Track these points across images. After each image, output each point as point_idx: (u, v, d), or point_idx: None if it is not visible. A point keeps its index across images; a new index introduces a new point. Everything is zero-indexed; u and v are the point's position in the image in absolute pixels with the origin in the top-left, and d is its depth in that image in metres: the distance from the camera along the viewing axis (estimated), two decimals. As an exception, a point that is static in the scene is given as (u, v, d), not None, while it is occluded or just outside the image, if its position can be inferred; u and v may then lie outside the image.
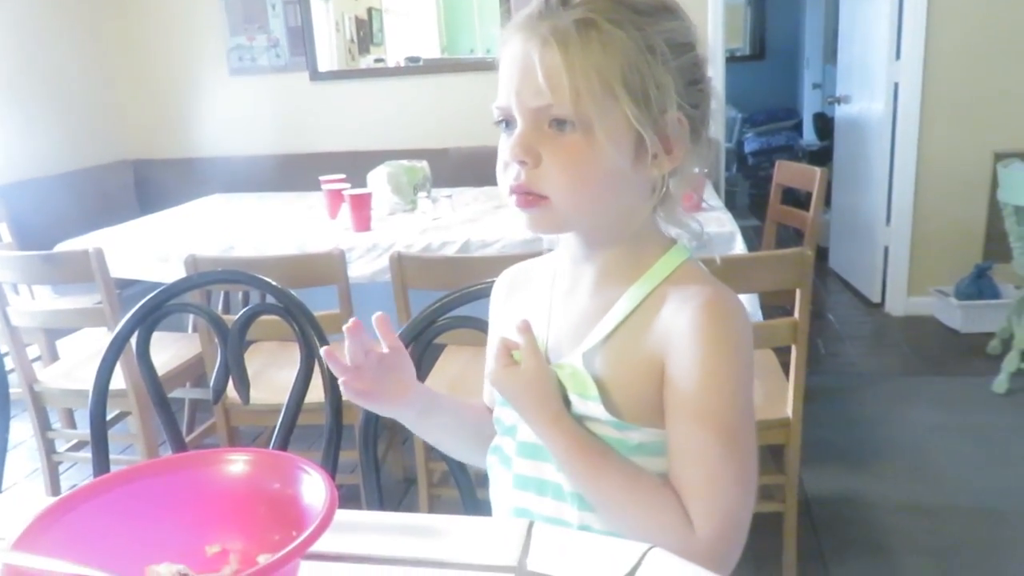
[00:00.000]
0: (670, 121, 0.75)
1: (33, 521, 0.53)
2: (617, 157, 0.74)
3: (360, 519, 0.62)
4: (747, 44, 7.41)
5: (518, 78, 0.74)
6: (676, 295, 0.77)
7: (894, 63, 3.64)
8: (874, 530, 2.14)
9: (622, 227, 0.80)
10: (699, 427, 0.73)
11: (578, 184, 0.74)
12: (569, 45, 0.71)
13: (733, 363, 0.74)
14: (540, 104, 0.73)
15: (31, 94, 3.56)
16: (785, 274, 1.74)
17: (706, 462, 0.72)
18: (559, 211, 0.76)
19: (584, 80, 0.71)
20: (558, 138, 0.73)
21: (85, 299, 2.73)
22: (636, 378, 0.77)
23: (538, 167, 0.74)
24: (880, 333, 3.66)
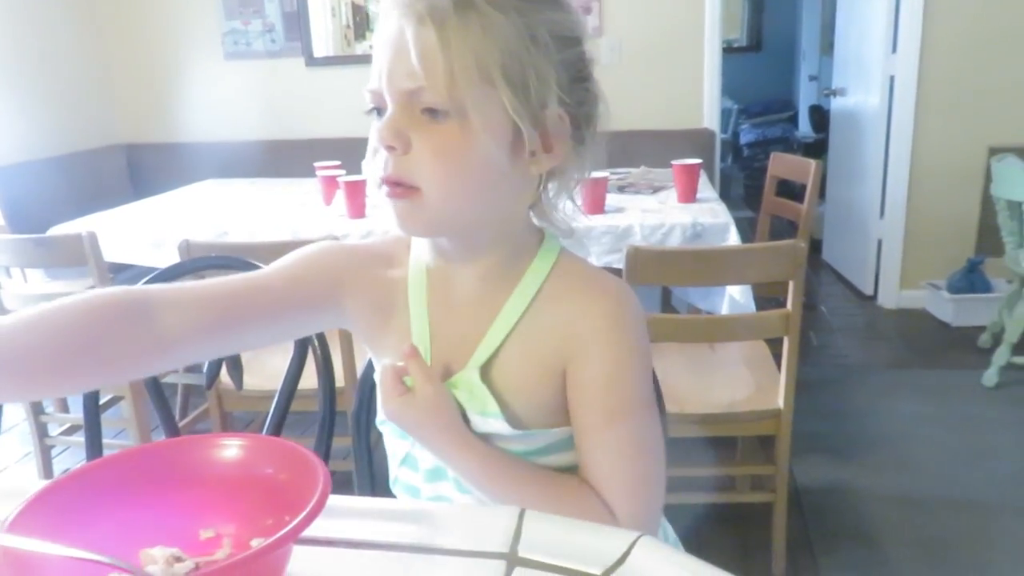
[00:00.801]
0: (551, 117, 0.71)
1: (27, 504, 0.53)
2: (493, 149, 0.69)
3: (352, 504, 0.63)
4: (744, 35, 7.40)
5: (390, 58, 0.68)
6: (566, 295, 0.75)
7: (890, 56, 3.64)
8: (863, 521, 2.16)
9: (499, 229, 0.75)
10: (608, 424, 0.73)
11: (451, 175, 0.69)
12: (446, 25, 0.66)
13: (634, 359, 0.75)
14: (412, 87, 0.67)
15: (24, 77, 3.54)
16: (778, 266, 1.75)
17: (618, 455, 0.73)
18: (431, 206, 0.70)
19: (460, 64, 0.66)
20: (430, 125, 0.68)
21: (78, 283, 2.72)
22: (536, 384, 0.76)
23: (408, 154, 0.69)
24: (872, 325, 3.68)
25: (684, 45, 3.63)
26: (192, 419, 2.48)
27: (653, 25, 3.60)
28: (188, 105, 4.06)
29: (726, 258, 1.83)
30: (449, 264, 0.78)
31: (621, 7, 3.59)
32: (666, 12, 3.60)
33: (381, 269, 0.83)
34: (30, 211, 3.22)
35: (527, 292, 0.76)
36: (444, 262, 0.79)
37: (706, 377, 2.05)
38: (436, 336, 0.79)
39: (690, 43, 3.64)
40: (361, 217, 2.48)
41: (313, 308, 0.80)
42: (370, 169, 0.73)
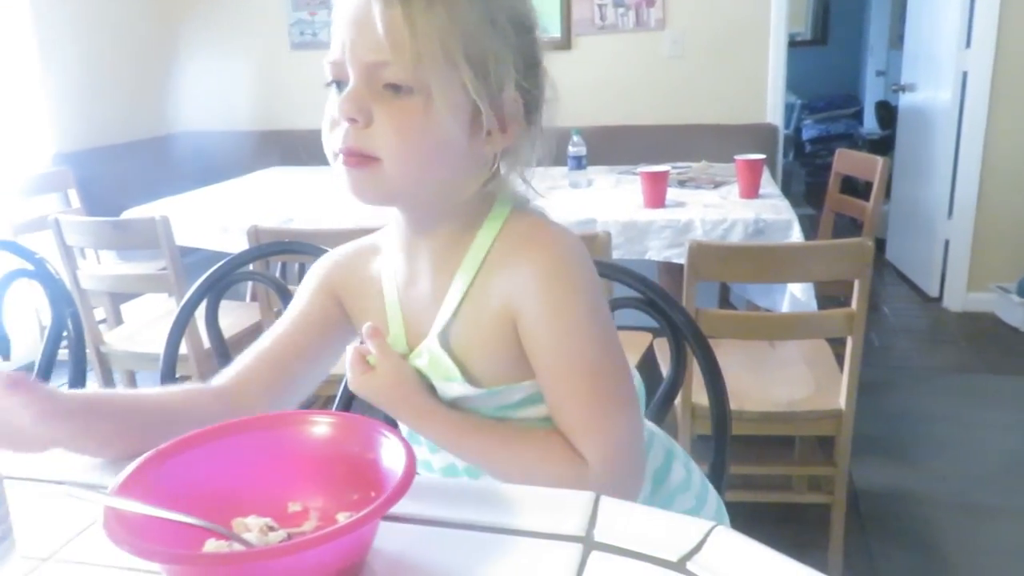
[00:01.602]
0: (507, 99, 0.74)
1: (133, 470, 0.56)
2: (453, 127, 0.72)
3: (430, 483, 0.65)
4: (809, 28, 7.24)
5: (355, 31, 0.70)
6: (511, 252, 0.76)
7: (963, 51, 3.54)
8: (924, 527, 2.12)
9: (450, 202, 0.78)
10: (564, 372, 0.74)
11: (411, 149, 0.71)
12: (412, 5, 0.67)
13: (579, 303, 0.75)
14: (377, 60, 0.69)
15: (99, 67, 3.67)
16: (843, 265, 1.72)
17: (580, 400, 0.74)
18: (389, 176, 0.72)
19: (426, 43, 0.68)
20: (393, 100, 0.70)
21: (147, 265, 2.82)
22: (492, 343, 0.77)
23: (369, 127, 0.71)
24: (937, 328, 3.59)
25: (748, 38, 3.58)
26: (255, 400, 2.54)
27: (717, 18, 3.55)
28: (255, 94, 4.15)
29: (790, 255, 1.81)
30: (411, 240, 0.81)
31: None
32: (730, 5, 3.56)
33: (365, 263, 0.88)
34: (103, 195, 3.33)
35: (477, 257, 0.78)
36: (408, 238, 0.82)
37: (765, 375, 2.03)
38: (405, 310, 0.83)
39: (754, 36, 3.59)
40: (422, 206, 2.51)
41: (334, 326, 0.88)
42: (328, 141, 0.75)
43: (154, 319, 2.58)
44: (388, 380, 0.78)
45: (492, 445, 0.77)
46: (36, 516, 0.63)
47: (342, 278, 0.88)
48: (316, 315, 0.87)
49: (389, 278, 0.84)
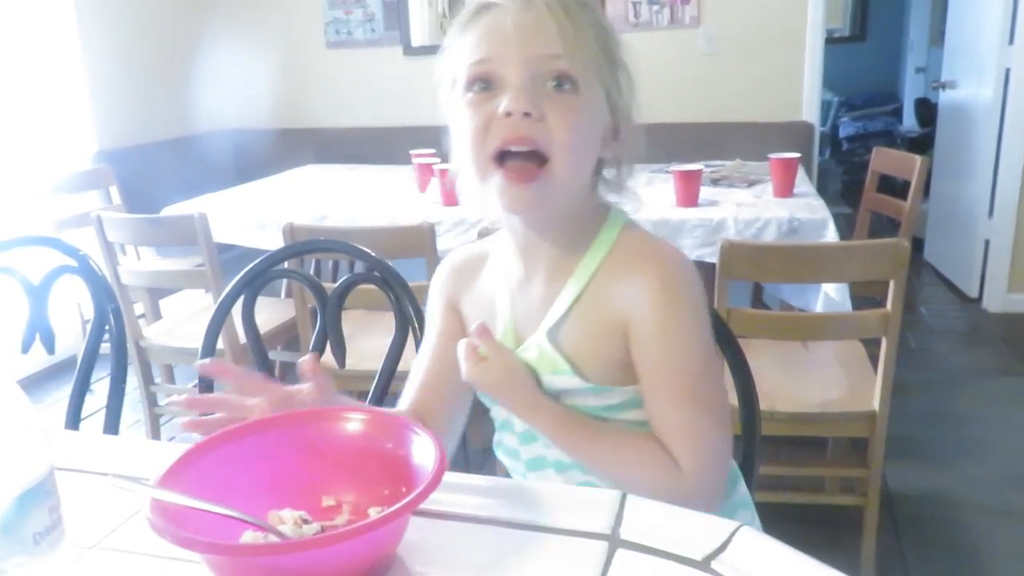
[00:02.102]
0: (620, 107, 0.82)
1: (174, 463, 0.58)
2: (600, 128, 0.79)
3: (459, 480, 0.66)
4: (847, 24, 7.14)
5: (524, 32, 0.75)
6: (626, 265, 0.81)
7: (1006, 48, 3.47)
8: (960, 531, 2.09)
9: (573, 204, 0.82)
10: (669, 383, 0.78)
11: (578, 142, 0.77)
12: (573, 16, 0.75)
13: (688, 320, 0.79)
14: (550, 52, 0.74)
15: (143, 66, 3.74)
16: (879, 265, 1.71)
17: (681, 412, 0.77)
18: (556, 178, 0.76)
19: (587, 46, 0.76)
20: (558, 96, 0.75)
21: (185, 261, 2.87)
22: (600, 346, 0.81)
23: (541, 121, 0.74)
24: (976, 329, 3.52)
25: (784, 35, 3.54)
26: (289, 395, 2.58)
27: (752, 14, 3.52)
28: (291, 92, 4.20)
29: (824, 255, 1.80)
30: (528, 247, 0.86)
31: (721, -6, 3.54)
32: (766, 1, 3.52)
33: (477, 267, 0.94)
34: (143, 192, 3.40)
35: (590, 265, 0.82)
36: (524, 245, 0.86)
37: (798, 376, 2.02)
38: (515, 310, 0.87)
39: (791, 33, 3.54)
40: (455, 204, 2.53)
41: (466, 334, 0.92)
42: (483, 145, 0.76)
43: (191, 314, 2.63)
44: (499, 372, 0.81)
45: (595, 442, 0.80)
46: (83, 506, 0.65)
47: (456, 286, 0.95)
48: (452, 329, 0.94)
49: (501, 280, 0.89)
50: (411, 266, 2.04)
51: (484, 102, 0.76)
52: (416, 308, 1.26)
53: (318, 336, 1.30)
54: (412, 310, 1.26)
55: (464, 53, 0.78)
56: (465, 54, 0.78)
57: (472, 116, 0.76)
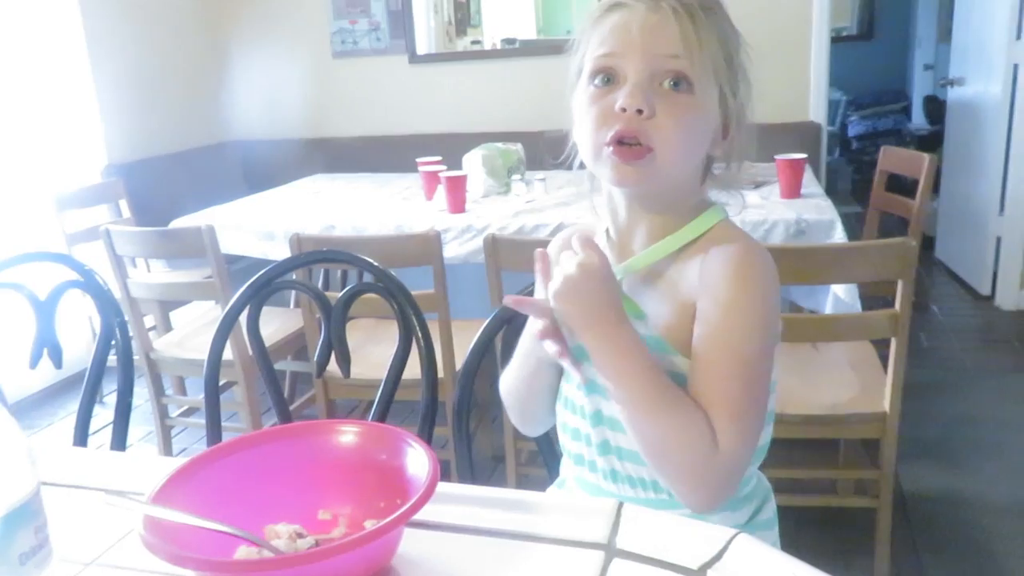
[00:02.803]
0: (735, 108, 0.85)
1: (168, 479, 0.58)
2: (711, 127, 0.83)
3: (456, 491, 0.66)
4: (855, 23, 7.10)
5: (647, 32, 0.80)
6: (711, 245, 0.84)
7: (1014, 43, 3.44)
8: (975, 531, 2.07)
9: (677, 193, 0.87)
10: (723, 359, 0.79)
11: (685, 139, 0.81)
12: (696, 18, 0.79)
13: (757, 303, 0.80)
14: (670, 52, 0.79)
15: (148, 80, 3.77)
16: (887, 265, 1.69)
17: (730, 389, 0.78)
18: (661, 164, 0.81)
19: (708, 49, 0.80)
20: (672, 95, 0.80)
21: (195, 273, 2.88)
22: (672, 316, 0.84)
23: (651, 119, 0.80)
24: (989, 328, 3.49)
25: (790, 35, 3.53)
26: (299, 405, 2.59)
27: (757, 15, 3.49)
28: (298, 103, 4.22)
29: (832, 256, 1.78)
30: (631, 219, 0.89)
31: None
32: (772, 1, 3.51)
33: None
34: (153, 204, 3.42)
35: (680, 240, 0.86)
36: (627, 218, 0.89)
37: (809, 377, 2.00)
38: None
39: (796, 32, 3.53)
40: (461, 212, 2.53)
41: None
42: (596, 134, 0.82)
43: (202, 326, 2.64)
44: (602, 272, 0.81)
45: (652, 385, 0.78)
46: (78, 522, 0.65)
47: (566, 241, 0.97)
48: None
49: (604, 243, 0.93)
50: (417, 274, 2.05)
51: (604, 95, 0.82)
52: (419, 317, 1.26)
53: (322, 347, 1.31)
54: (416, 319, 1.26)
55: (591, 47, 0.84)
56: (591, 48, 0.84)
57: (591, 106, 0.83)
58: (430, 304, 2.04)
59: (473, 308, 2.25)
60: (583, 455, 0.91)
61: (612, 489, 0.88)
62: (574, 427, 0.93)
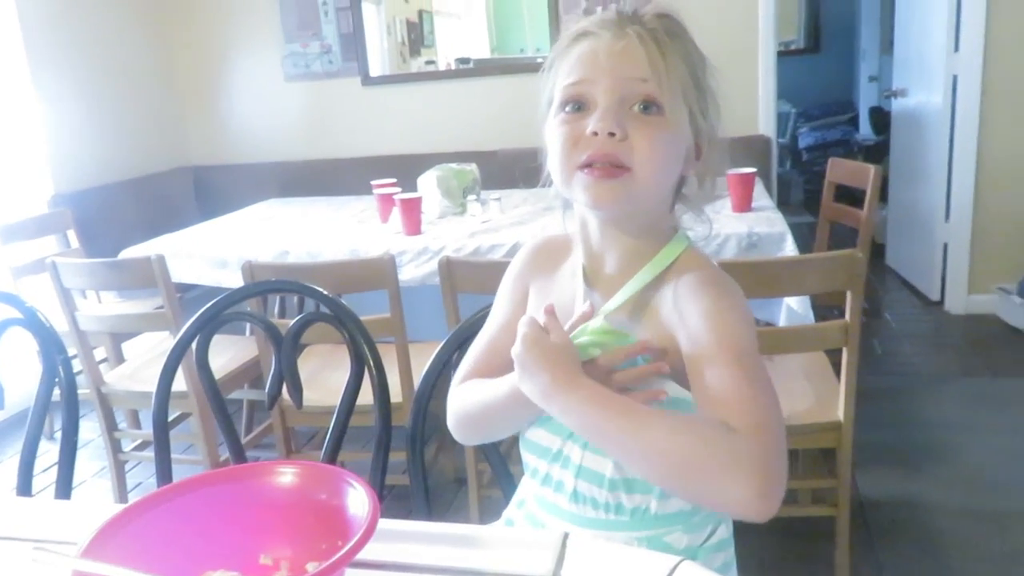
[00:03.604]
0: (705, 129, 0.86)
1: (99, 530, 0.56)
2: (683, 147, 0.85)
3: (401, 528, 0.65)
4: (801, 36, 7.26)
5: (615, 58, 0.82)
6: (683, 278, 0.85)
7: (952, 55, 3.55)
8: (932, 535, 2.10)
9: (650, 216, 0.88)
10: (719, 355, 0.78)
11: (661, 159, 0.83)
12: (663, 44, 0.82)
13: (736, 307, 0.82)
14: (638, 76, 0.81)
15: (100, 105, 3.71)
16: (836, 276, 1.72)
17: (731, 385, 0.76)
18: (638, 184, 0.82)
19: (675, 73, 0.82)
20: (643, 118, 0.82)
21: (147, 303, 2.83)
22: (655, 341, 0.84)
23: (624, 141, 0.81)
24: (939, 332, 3.57)
25: (738, 49, 3.59)
26: (257, 434, 2.55)
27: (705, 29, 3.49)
28: (251, 127, 4.19)
29: (782, 269, 1.81)
30: (602, 244, 0.91)
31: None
32: (718, 17, 3.57)
33: (559, 257, 0.98)
34: (103, 234, 3.36)
35: (649, 274, 0.87)
36: (599, 243, 0.91)
37: (764, 389, 2.02)
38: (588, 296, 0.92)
39: (744, 47, 3.60)
40: (417, 234, 2.52)
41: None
42: (570, 157, 0.84)
43: (154, 357, 2.59)
44: (554, 347, 0.82)
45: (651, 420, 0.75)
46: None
47: (531, 271, 1.00)
48: (517, 314, 0.96)
49: (571, 273, 0.94)
50: (376, 297, 2.04)
51: (576, 121, 0.84)
52: (370, 344, 1.25)
53: (274, 378, 1.29)
54: (367, 347, 1.24)
55: (560, 76, 0.86)
56: (560, 77, 0.86)
57: (563, 132, 0.84)
58: (387, 328, 2.02)
59: (432, 330, 2.24)
60: (550, 474, 0.91)
61: (573, 509, 0.87)
62: (546, 445, 0.92)
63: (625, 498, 0.86)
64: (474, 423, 0.98)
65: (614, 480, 0.86)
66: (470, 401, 0.97)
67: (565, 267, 0.97)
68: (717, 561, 0.93)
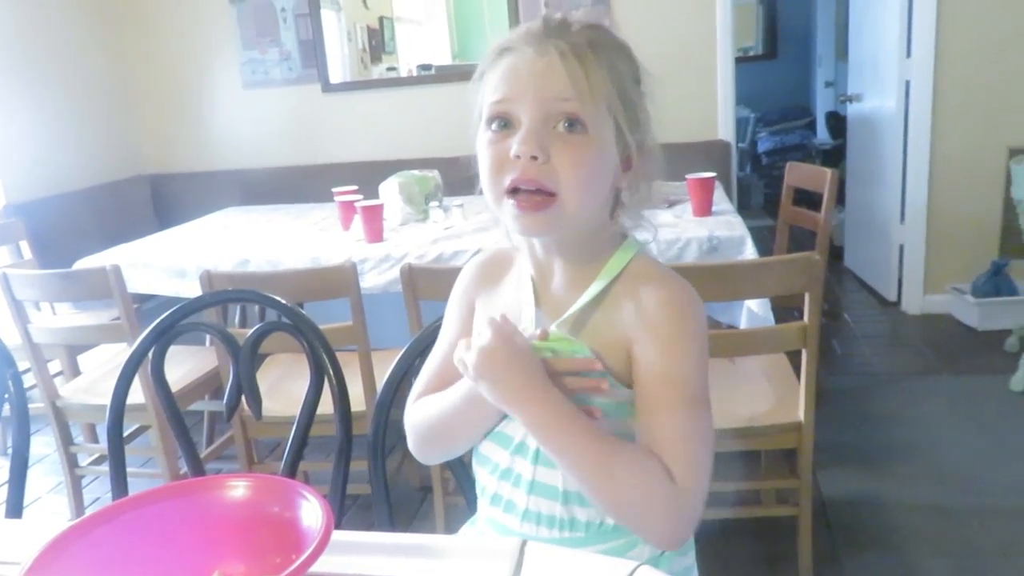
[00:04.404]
0: (633, 142, 0.85)
1: (46, 548, 0.55)
2: (611, 163, 0.84)
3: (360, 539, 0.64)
4: (759, 43, 7.38)
5: (538, 76, 0.81)
6: (635, 290, 0.86)
7: (905, 61, 3.62)
8: (892, 532, 2.13)
9: (588, 230, 0.88)
10: (668, 394, 0.81)
11: (585, 180, 0.81)
12: (586, 59, 0.80)
13: (695, 340, 0.84)
14: (560, 95, 0.80)
15: (49, 113, 3.63)
16: (794, 279, 1.74)
17: (677, 423, 0.81)
18: (565, 210, 0.81)
19: (598, 90, 0.80)
20: (568, 137, 0.81)
21: (104, 314, 2.78)
22: (606, 355, 0.85)
23: (547, 164, 0.80)
24: (897, 332, 3.64)
25: (696, 56, 3.64)
26: (218, 446, 2.51)
27: (663, 37, 3.60)
28: (209, 135, 4.13)
29: (742, 273, 1.83)
30: (547, 258, 0.91)
31: (631, 18, 3.58)
32: (677, 24, 3.61)
33: (502, 269, 0.98)
34: (57, 244, 3.29)
35: (601, 284, 0.87)
36: (535, 262, 0.92)
37: (726, 391, 2.04)
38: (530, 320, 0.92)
39: (702, 54, 3.64)
40: (379, 241, 2.51)
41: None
42: (496, 181, 0.84)
43: (112, 369, 2.54)
44: (515, 348, 0.82)
45: (601, 437, 0.80)
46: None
47: (476, 286, 0.99)
48: (466, 328, 0.98)
49: (517, 282, 0.94)
50: (339, 305, 2.02)
51: (501, 140, 0.83)
52: (330, 353, 1.23)
53: (232, 388, 1.27)
54: (326, 355, 1.23)
55: (487, 92, 0.85)
56: (487, 93, 0.85)
57: (489, 153, 0.84)
58: (349, 336, 2.01)
59: (396, 337, 2.22)
60: (499, 493, 0.90)
61: (525, 530, 0.85)
62: (495, 460, 0.91)
63: (579, 511, 0.86)
64: (433, 435, 0.97)
65: (568, 493, 0.86)
66: (428, 414, 0.96)
67: (508, 278, 0.97)
68: (679, 566, 0.93)
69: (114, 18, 4.02)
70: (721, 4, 3.59)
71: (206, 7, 3.98)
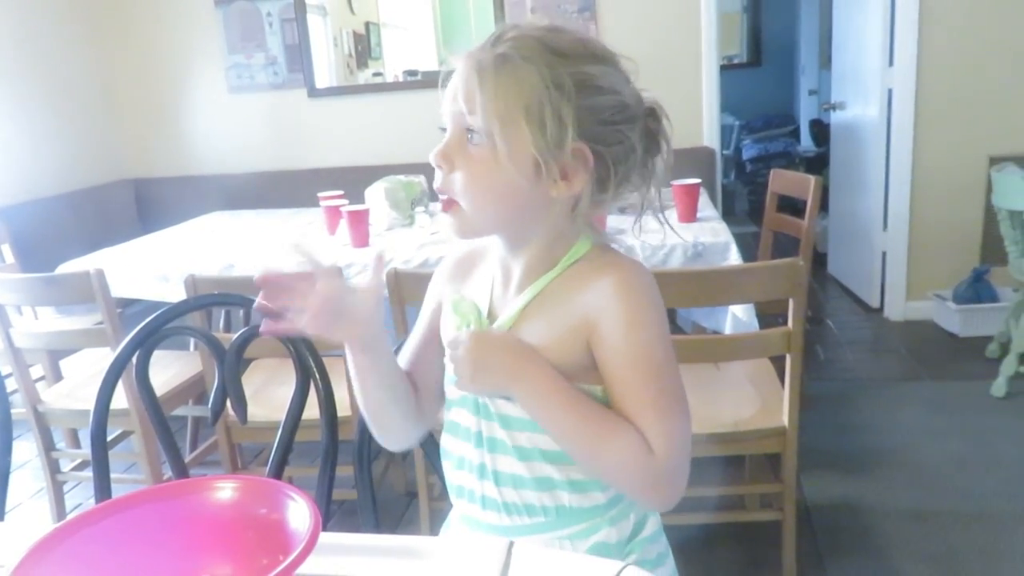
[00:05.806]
0: (567, 152, 0.83)
1: (30, 550, 0.54)
2: (514, 174, 0.83)
3: (347, 541, 0.64)
4: (744, 51, 7.43)
5: (451, 95, 0.86)
6: (590, 272, 0.88)
7: (887, 69, 3.66)
8: (874, 536, 2.15)
9: (532, 231, 0.90)
10: (633, 371, 0.84)
11: (477, 191, 0.85)
12: (485, 73, 0.83)
13: (651, 314, 0.86)
14: (461, 110, 0.84)
15: (33, 116, 3.60)
16: (778, 284, 1.76)
17: (646, 397, 0.84)
18: (467, 215, 0.87)
19: (492, 103, 0.82)
20: (471, 149, 0.85)
21: (87, 319, 2.76)
22: (559, 344, 0.87)
23: (452, 173, 0.86)
24: (879, 338, 3.67)
25: (681, 63, 3.66)
26: (202, 451, 2.50)
27: (648, 45, 3.61)
28: (194, 139, 4.12)
29: (726, 278, 1.84)
30: (502, 258, 0.94)
31: (616, 26, 3.60)
32: (661, 31, 3.63)
33: (472, 264, 1.01)
34: (40, 248, 3.26)
35: (554, 273, 0.90)
36: (499, 257, 0.95)
37: (711, 396, 2.06)
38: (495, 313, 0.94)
39: (687, 61, 3.66)
40: (365, 246, 2.50)
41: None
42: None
43: (95, 374, 2.51)
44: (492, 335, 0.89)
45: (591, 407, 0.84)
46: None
47: (445, 284, 1.02)
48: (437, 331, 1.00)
49: (489, 278, 0.96)
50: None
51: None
52: (316, 357, 1.23)
53: (217, 393, 1.26)
54: (313, 360, 1.23)
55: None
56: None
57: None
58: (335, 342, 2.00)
59: (381, 343, 2.22)
60: (463, 485, 0.92)
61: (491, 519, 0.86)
62: (457, 455, 0.94)
63: (541, 497, 0.87)
64: (368, 414, 1.00)
65: (526, 479, 0.88)
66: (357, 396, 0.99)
67: (477, 273, 1.00)
68: (653, 552, 0.95)
69: (98, 21, 4.00)
70: (706, 13, 3.62)
71: (191, 11, 3.96)
